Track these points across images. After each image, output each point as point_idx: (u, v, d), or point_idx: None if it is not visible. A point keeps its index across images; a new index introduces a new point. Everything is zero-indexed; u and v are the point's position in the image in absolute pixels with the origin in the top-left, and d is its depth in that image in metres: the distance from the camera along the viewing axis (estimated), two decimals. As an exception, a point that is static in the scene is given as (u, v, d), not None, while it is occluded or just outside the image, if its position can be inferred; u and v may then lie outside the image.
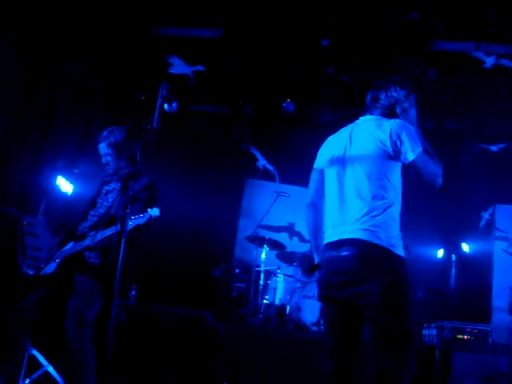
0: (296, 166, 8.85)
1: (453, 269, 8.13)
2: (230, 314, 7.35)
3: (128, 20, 6.80)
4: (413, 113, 3.36)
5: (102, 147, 4.22)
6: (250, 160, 8.79)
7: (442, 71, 7.79)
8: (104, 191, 4.25)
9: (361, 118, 3.42)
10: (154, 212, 3.67)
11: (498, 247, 9.45)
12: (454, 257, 8.19)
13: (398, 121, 3.21)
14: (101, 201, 4.20)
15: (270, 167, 8.76)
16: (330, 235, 3.20)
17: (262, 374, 5.82)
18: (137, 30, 6.97)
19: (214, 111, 8.88)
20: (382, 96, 3.34)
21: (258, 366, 5.86)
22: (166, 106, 3.36)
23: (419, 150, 3.14)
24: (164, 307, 6.45)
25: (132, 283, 6.93)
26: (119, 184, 4.14)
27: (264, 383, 5.75)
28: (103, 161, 4.24)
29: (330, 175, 3.31)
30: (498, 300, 8.71)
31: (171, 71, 7.22)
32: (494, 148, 8.52)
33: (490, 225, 9.49)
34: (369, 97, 3.41)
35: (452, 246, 8.58)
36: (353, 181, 3.14)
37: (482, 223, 9.06)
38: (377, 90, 3.38)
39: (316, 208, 3.46)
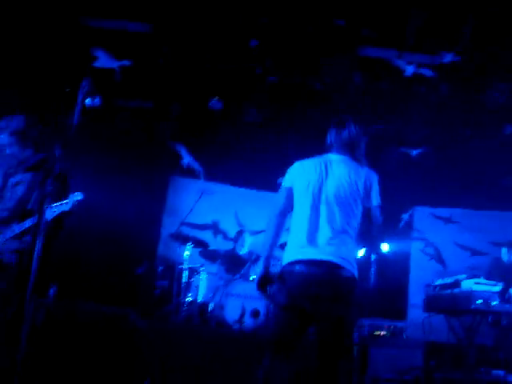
0: (221, 164, 8.89)
1: (372, 268, 8.37)
2: (153, 311, 7.28)
3: (53, 8, 6.59)
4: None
5: (2, 138, 4.04)
6: (175, 157, 8.72)
7: (367, 76, 8.02)
8: (10, 184, 4.04)
9: (333, 155, 3.80)
10: (77, 196, 3.60)
11: (415, 247, 9.87)
12: (373, 256, 8.44)
13: (371, 172, 3.76)
14: (9, 194, 4.00)
15: (195, 165, 8.73)
16: (298, 253, 3.53)
17: (184, 372, 5.80)
18: (62, 19, 6.77)
19: (141, 107, 8.74)
20: (346, 135, 3.79)
21: (180, 363, 5.84)
22: (88, 100, 3.30)
23: (379, 201, 3.74)
24: (85, 305, 6.30)
25: (52, 281, 6.73)
26: (28, 175, 3.99)
27: (186, 381, 5.74)
28: (7, 152, 4.06)
29: (304, 200, 3.61)
30: (414, 297, 9.09)
31: (96, 65, 7.05)
32: (413, 152, 8.86)
33: (408, 226, 9.87)
34: (333, 135, 3.85)
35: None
36: (327, 212, 3.52)
37: (401, 224, 9.39)
38: (341, 128, 3.82)
39: (283, 220, 3.72)
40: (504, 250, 8.00)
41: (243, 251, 7.77)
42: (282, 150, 9.07)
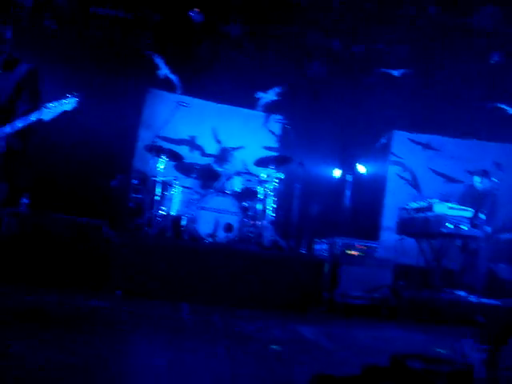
0: (200, 78, 8.66)
1: (348, 189, 8.40)
2: (126, 224, 7.27)
3: None
4: None
5: None
6: (152, 68, 8.46)
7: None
8: None
9: None
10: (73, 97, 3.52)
11: (392, 171, 9.89)
12: (349, 177, 8.45)
13: None
14: None
15: (173, 77, 8.50)
16: None
17: (156, 283, 5.86)
18: None
19: (119, 16, 8.38)
20: None
21: (152, 274, 5.90)
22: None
23: None
24: (58, 216, 6.26)
25: (24, 190, 6.63)
26: None
27: (158, 291, 5.80)
28: None
29: None
30: (388, 220, 9.20)
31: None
32: (395, 73, 8.71)
33: (386, 149, 9.86)
34: None
35: (348, 167, 8.84)
36: None
37: (379, 147, 9.36)
38: None
39: None
40: (476, 179, 8.04)
41: (225, 168, 7.69)
42: (261, 66, 8.86)
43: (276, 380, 2.96)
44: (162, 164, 7.01)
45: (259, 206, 7.15)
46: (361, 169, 9.40)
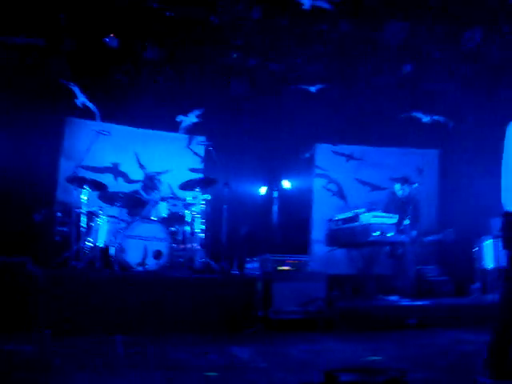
0: (119, 104, 8.54)
1: (275, 205, 8.49)
2: (53, 259, 7.03)
3: None
4: None
5: None
6: (69, 97, 8.26)
7: (266, 12, 7.88)
8: None
9: None
10: None
11: (318, 184, 10.08)
12: (276, 193, 8.55)
13: None
14: None
15: (91, 105, 8.35)
16: None
17: (88, 317, 5.69)
18: None
19: (28, 43, 8.14)
20: None
21: (83, 309, 5.72)
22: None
23: None
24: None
25: None
26: None
27: (91, 326, 5.62)
28: None
29: None
30: (317, 233, 9.35)
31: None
32: (312, 89, 8.89)
33: (311, 163, 10.04)
34: None
35: (274, 183, 8.94)
36: None
37: (303, 161, 9.53)
38: None
39: None
40: (397, 186, 8.30)
41: (154, 195, 7.59)
42: (181, 88, 8.85)
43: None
44: (85, 194, 6.84)
45: (188, 230, 7.11)
46: (286, 184, 9.53)
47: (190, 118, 8.83)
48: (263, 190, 9.59)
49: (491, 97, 8.95)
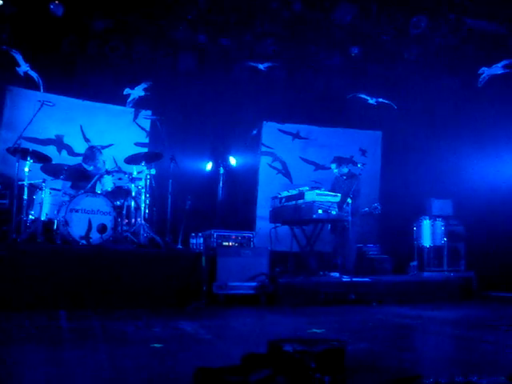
0: (64, 75, 8.33)
1: (221, 181, 8.52)
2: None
3: None
4: None
5: None
6: (10, 65, 7.97)
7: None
8: None
9: None
10: None
11: (264, 161, 10.17)
12: (222, 170, 8.57)
13: None
14: None
15: (34, 74, 8.09)
16: None
17: (30, 292, 5.59)
18: None
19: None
20: None
21: (25, 283, 5.62)
22: None
23: None
24: None
25: None
26: None
27: (33, 301, 5.54)
28: None
29: None
30: (262, 210, 9.45)
31: None
32: (261, 66, 8.91)
33: (257, 141, 10.11)
34: None
35: (220, 160, 8.95)
36: None
37: (250, 139, 9.57)
38: None
39: None
40: (333, 165, 8.43)
41: (95, 167, 7.45)
42: (129, 61, 8.70)
43: (159, 379, 2.96)
44: (27, 167, 6.67)
45: (132, 204, 7.05)
46: (233, 161, 9.57)
47: (137, 92, 8.69)
48: (209, 166, 9.60)
49: (435, 82, 9.21)
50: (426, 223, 8.74)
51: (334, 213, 7.30)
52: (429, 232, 8.71)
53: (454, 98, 9.18)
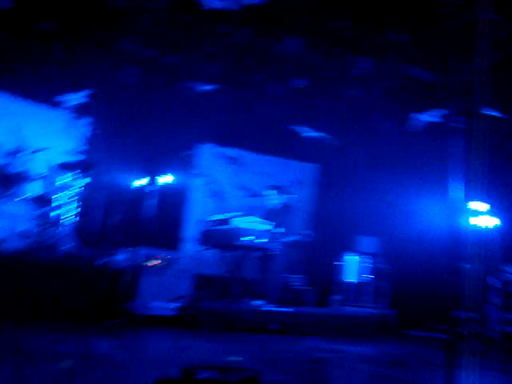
0: (2, 71, 8.04)
1: (152, 198, 8.36)
2: None
3: None
4: None
5: None
6: None
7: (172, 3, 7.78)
8: None
9: None
10: None
11: (198, 183, 10.07)
12: (154, 187, 8.42)
13: None
14: None
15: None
16: None
17: None
18: None
19: None
20: None
21: None
22: None
23: None
24: None
25: None
26: None
27: None
28: None
29: None
30: (190, 231, 9.34)
31: None
32: (206, 88, 8.88)
33: (192, 161, 10.02)
34: None
35: (154, 176, 8.80)
36: None
37: (186, 158, 9.50)
38: None
39: None
40: (271, 194, 8.48)
41: (21, 171, 7.16)
42: (72, 66, 8.48)
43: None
44: None
45: (60, 212, 6.82)
46: (166, 179, 9.44)
47: (78, 98, 8.45)
48: (143, 181, 9.42)
49: (375, 122, 9.45)
50: (353, 259, 8.88)
51: (259, 241, 7.30)
52: (355, 268, 8.84)
53: (391, 140, 9.43)
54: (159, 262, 7.22)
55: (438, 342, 4.40)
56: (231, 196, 10.17)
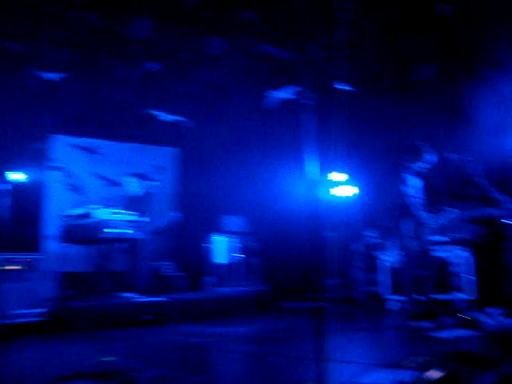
0: None
1: (4, 198, 7.79)
2: None
3: None
4: None
5: None
6: None
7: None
8: None
9: None
10: None
11: (52, 177, 9.53)
12: (4, 186, 7.84)
13: None
14: None
15: None
16: None
17: None
18: None
19: None
20: None
21: None
22: None
23: None
24: None
25: None
26: None
27: None
28: None
29: None
30: (50, 228, 8.85)
31: None
32: (54, 76, 8.39)
33: (44, 154, 9.46)
34: None
35: (4, 174, 8.21)
36: None
37: (37, 152, 8.94)
38: None
39: None
40: (128, 182, 8.24)
41: None
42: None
43: None
44: None
45: None
46: (18, 176, 8.83)
47: None
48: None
49: (232, 102, 9.50)
50: (222, 239, 8.93)
51: (126, 232, 7.09)
52: (224, 248, 8.90)
53: (250, 119, 9.55)
54: (19, 265, 6.73)
55: (310, 311, 4.53)
56: (91, 188, 9.79)
